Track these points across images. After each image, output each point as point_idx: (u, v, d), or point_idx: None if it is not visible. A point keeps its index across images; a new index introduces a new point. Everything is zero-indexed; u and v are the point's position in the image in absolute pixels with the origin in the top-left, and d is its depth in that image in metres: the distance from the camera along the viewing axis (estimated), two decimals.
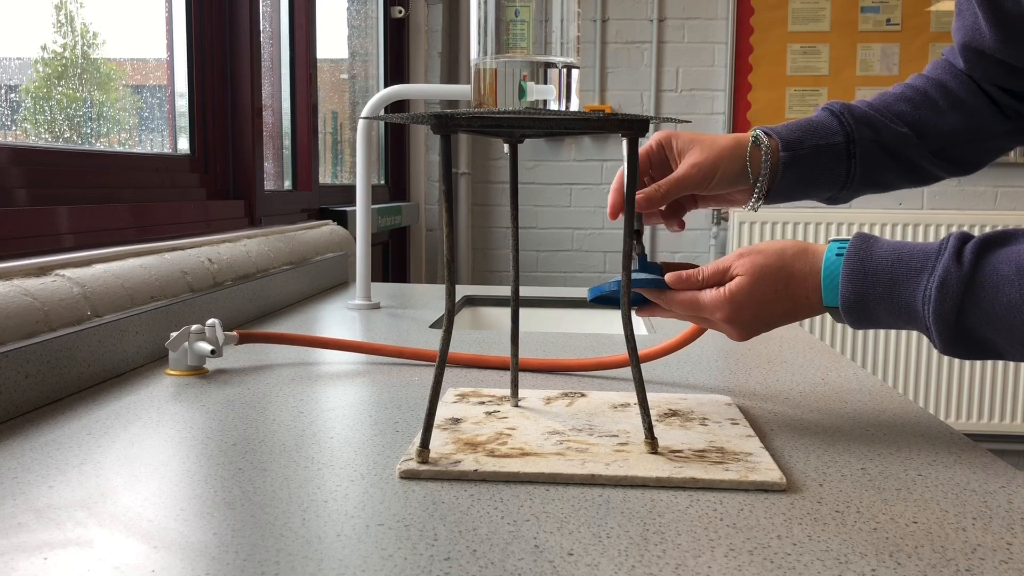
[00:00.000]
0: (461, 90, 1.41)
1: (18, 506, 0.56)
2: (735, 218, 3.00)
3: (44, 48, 1.17)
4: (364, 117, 0.74)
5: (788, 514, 0.56)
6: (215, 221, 1.47)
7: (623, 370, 0.98)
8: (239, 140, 1.60)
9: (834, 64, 3.03)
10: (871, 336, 3.00)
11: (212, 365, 0.97)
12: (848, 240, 0.70)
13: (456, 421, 0.74)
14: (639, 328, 1.40)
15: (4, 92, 1.09)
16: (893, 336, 3.00)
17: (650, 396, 0.84)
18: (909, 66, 3.00)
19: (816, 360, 1.05)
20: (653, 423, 0.69)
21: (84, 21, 1.23)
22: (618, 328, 1.56)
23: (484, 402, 0.81)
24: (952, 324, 0.65)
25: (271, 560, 0.49)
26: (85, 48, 1.25)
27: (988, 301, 0.63)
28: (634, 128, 0.65)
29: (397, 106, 2.64)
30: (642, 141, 0.79)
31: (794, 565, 0.49)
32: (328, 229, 1.81)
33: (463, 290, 1.65)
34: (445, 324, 0.65)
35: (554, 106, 0.67)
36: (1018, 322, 0.62)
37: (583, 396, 0.83)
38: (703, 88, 3.08)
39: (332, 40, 2.40)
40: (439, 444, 0.67)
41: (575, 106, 0.68)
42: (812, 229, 3.00)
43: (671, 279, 0.76)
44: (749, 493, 0.60)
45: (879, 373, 3.00)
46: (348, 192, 2.36)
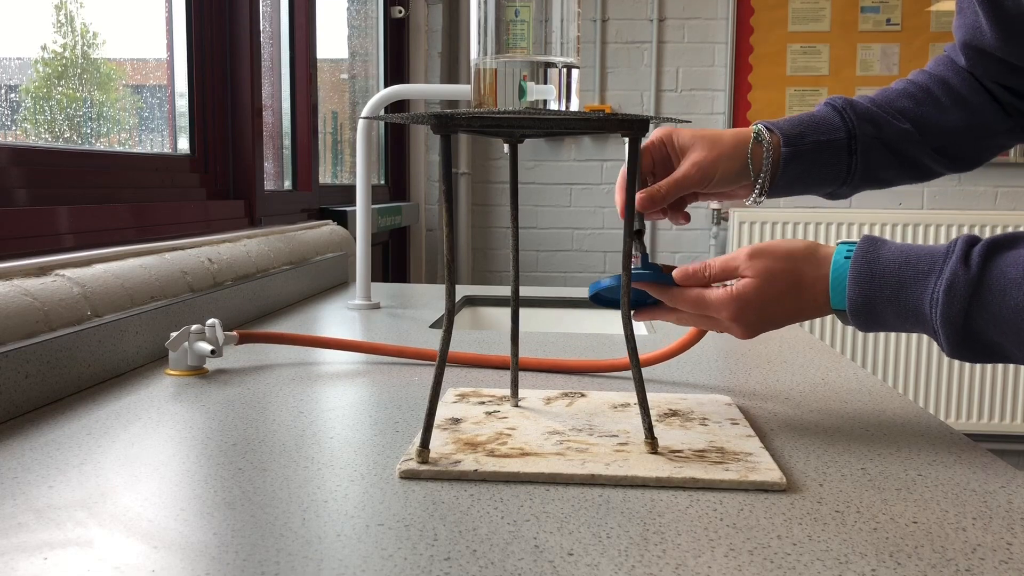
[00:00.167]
0: (461, 90, 1.41)
1: (18, 506, 0.56)
2: (735, 218, 3.00)
3: (44, 48, 1.17)
4: (364, 117, 0.74)
5: (788, 514, 0.56)
6: (215, 221, 1.48)
7: (623, 370, 0.98)
8: (239, 140, 1.60)
9: (834, 64, 3.03)
10: (871, 336, 3.00)
11: (212, 365, 0.97)
12: (856, 242, 0.70)
13: (456, 421, 0.74)
14: (639, 329, 1.40)
15: (4, 92, 1.09)
16: (893, 336, 3.00)
17: (650, 396, 0.84)
18: (909, 66, 3.00)
19: (816, 360, 1.05)
20: (653, 423, 0.69)
21: (84, 21, 1.23)
22: (618, 328, 1.56)
23: (484, 402, 0.81)
24: (959, 327, 0.64)
25: (271, 560, 0.49)
26: (85, 48, 1.25)
27: (996, 304, 0.63)
28: (634, 128, 0.65)
29: (397, 106, 2.64)
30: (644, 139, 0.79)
31: (794, 565, 0.49)
32: (328, 229, 1.81)
33: (463, 290, 1.65)
34: (445, 324, 0.65)
35: (554, 106, 0.67)
36: None
37: (583, 396, 0.83)
38: (703, 88, 3.08)
39: (332, 40, 2.40)
40: (439, 444, 0.67)
41: (575, 106, 0.68)
42: (812, 229, 3.00)
43: (678, 274, 0.75)
44: (749, 493, 0.60)
45: (879, 373, 3.00)
46: (348, 192, 2.36)
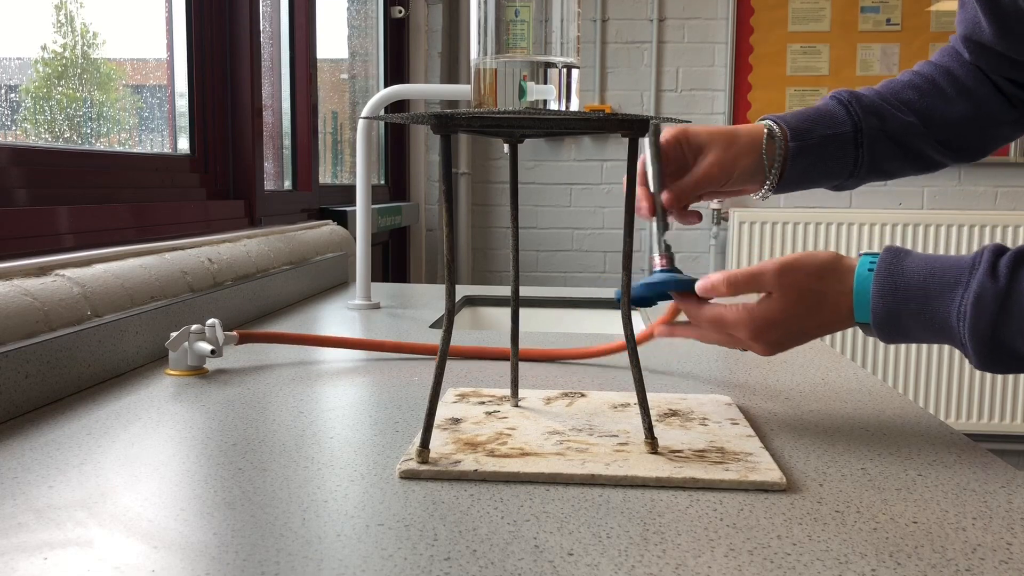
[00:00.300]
0: (461, 90, 1.41)
1: (18, 506, 0.56)
2: (735, 218, 3.00)
3: (44, 48, 1.17)
4: (364, 117, 0.74)
5: (788, 514, 0.56)
6: (215, 221, 1.47)
7: (623, 370, 0.98)
8: (239, 140, 1.60)
9: (834, 64, 3.03)
10: (871, 336, 3.00)
11: (212, 365, 0.97)
12: (879, 254, 0.69)
13: (456, 421, 0.74)
14: (639, 328, 1.40)
15: (4, 92, 1.09)
16: None
17: (650, 396, 0.84)
18: (909, 66, 2.97)
19: (816, 360, 1.05)
20: (653, 423, 0.69)
21: (84, 21, 1.23)
22: (618, 328, 1.56)
23: (484, 402, 0.81)
24: (988, 340, 0.64)
25: (271, 560, 0.49)
26: (85, 48, 1.25)
27: None
28: (634, 128, 0.65)
29: (397, 106, 2.64)
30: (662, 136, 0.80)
31: (794, 565, 0.49)
32: (328, 229, 1.81)
33: (463, 290, 1.65)
34: (445, 324, 0.65)
35: (554, 106, 0.67)
36: None
37: (583, 396, 0.83)
38: (703, 88, 3.08)
39: (332, 40, 2.40)
40: (439, 444, 0.67)
41: (575, 106, 0.68)
42: (812, 229, 3.00)
43: (700, 285, 0.73)
44: (749, 493, 0.60)
45: (879, 373, 3.00)
46: (348, 192, 2.36)
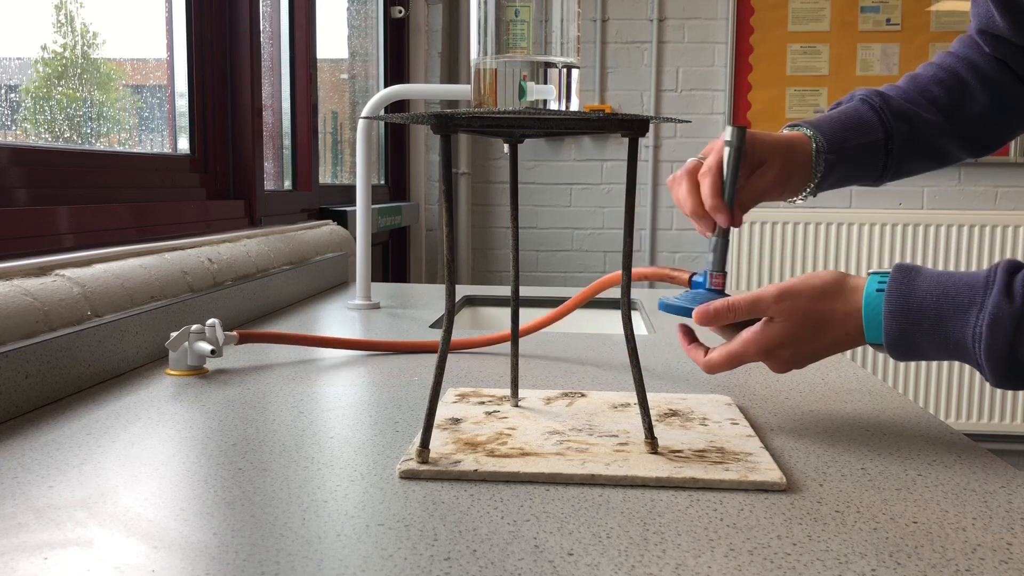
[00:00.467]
0: (461, 90, 1.41)
1: (18, 506, 0.56)
2: None
3: (44, 48, 1.17)
4: (364, 117, 0.74)
5: (788, 514, 0.56)
6: (215, 221, 1.47)
7: (623, 370, 0.98)
8: (239, 140, 1.60)
9: (834, 64, 3.03)
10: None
11: (212, 365, 0.97)
12: (888, 273, 0.68)
13: (456, 421, 0.74)
14: (639, 328, 1.41)
15: (4, 92, 1.09)
16: None
17: (650, 396, 0.84)
18: (909, 66, 2.99)
19: None
20: (653, 423, 0.69)
21: (84, 21, 1.23)
22: (618, 328, 1.56)
23: (484, 402, 0.81)
24: (1005, 360, 0.64)
25: (271, 560, 0.49)
26: (85, 48, 1.25)
27: None
28: (634, 128, 0.65)
29: (397, 106, 2.64)
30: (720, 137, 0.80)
31: (794, 565, 0.49)
32: (328, 229, 1.81)
33: (463, 290, 1.65)
34: (445, 324, 0.65)
35: (554, 106, 0.67)
36: None
37: (583, 396, 0.83)
38: (703, 88, 3.08)
39: (332, 40, 2.40)
40: (439, 444, 0.67)
41: (575, 106, 0.68)
42: (812, 229, 3.00)
43: (697, 315, 0.73)
44: (749, 493, 0.60)
45: (879, 373, 3.00)
46: (348, 192, 2.36)
